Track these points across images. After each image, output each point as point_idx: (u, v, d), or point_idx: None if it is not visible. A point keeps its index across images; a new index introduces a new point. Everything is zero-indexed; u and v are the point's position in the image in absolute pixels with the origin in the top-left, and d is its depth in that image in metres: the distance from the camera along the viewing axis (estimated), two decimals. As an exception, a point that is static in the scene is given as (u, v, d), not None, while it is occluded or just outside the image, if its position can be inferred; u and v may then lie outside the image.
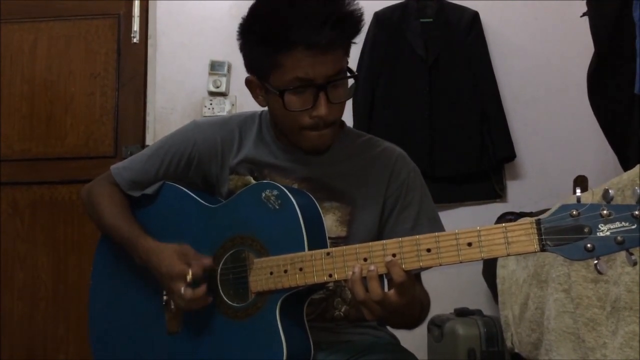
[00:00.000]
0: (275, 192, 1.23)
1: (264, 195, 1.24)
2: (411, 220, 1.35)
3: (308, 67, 1.23)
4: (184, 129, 1.47)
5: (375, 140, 1.45)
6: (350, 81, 1.32)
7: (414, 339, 1.39)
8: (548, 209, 2.26)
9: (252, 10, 1.30)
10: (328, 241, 1.24)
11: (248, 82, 1.36)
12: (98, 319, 1.47)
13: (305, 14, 1.21)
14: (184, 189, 1.40)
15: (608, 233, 0.93)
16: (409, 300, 1.11)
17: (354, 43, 1.31)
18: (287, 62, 1.24)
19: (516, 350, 2.20)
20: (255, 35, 1.28)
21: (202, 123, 1.47)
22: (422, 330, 2.69)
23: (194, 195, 1.38)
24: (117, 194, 1.44)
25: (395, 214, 1.36)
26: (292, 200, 1.21)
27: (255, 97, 1.38)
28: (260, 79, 1.32)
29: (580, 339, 1.61)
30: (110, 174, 1.47)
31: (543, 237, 0.98)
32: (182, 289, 1.23)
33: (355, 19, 1.27)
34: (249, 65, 1.34)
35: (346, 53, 1.30)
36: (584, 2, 2.24)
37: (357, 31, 1.28)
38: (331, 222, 1.33)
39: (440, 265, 1.07)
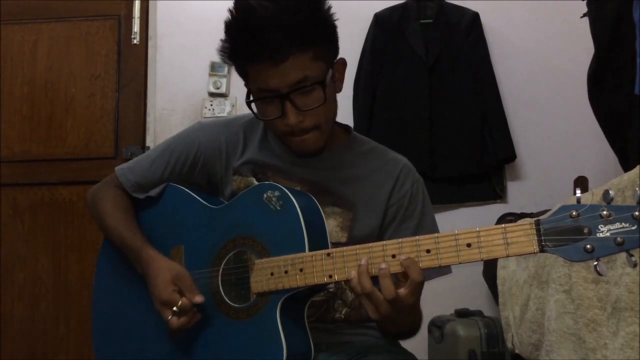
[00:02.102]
0: (276, 193, 1.24)
1: (265, 196, 1.25)
2: (410, 232, 1.35)
3: (268, 77, 1.23)
4: (189, 130, 1.47)
5: (382, 149, 1.45)
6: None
7: (414, 340, 1.39)
8: (548, 210, 2.26)
9: (225, 26, 1.30)
10: (329, 242, 1.24)
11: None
12: (101, 318, 1.48)
13: (258, 26, 1.21)
14: (187, 190, 1.41)
15: (608, 234, 0.93)
16: (417, 300, 1.11)
17: (322, 43, 1.27)
18: (251, 74, 1.27)
19: (517, 351, 2.20)
20: (226, 48, 1.30)
21: (207, 124, 1.47)
22: (422, 331, 2.68)
23: (196, 196, 1.38)
24: (121, 198, 1.44)
25: (395, 225, 1.37)
26: (293, 201, 1.21)
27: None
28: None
29: (581, 340, 1.61)
30: (115, 176, 1.46)
31: (542, 238, 0.98)
32: (169, 317, 1.23)
33: (312, 24, 1.24)
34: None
35: (315, 58, 1.25)
36: (584, 2, 2.24)
37: (316, 36, 1.25)
38: (332, 228, 1.33)
39: (440, 266, 1.07)
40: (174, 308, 1.23)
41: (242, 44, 1.24)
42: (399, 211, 1.37)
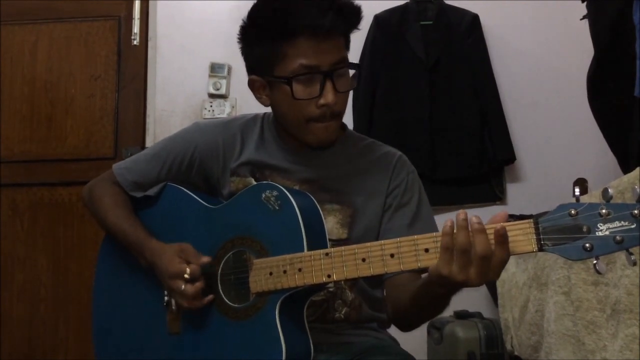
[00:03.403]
0: (275, 193, 1.24)
1: (263, 196, 1.25)
2: (407, 219, 1.36)
3: (312, 54, 1.25)
4: (186, 131, 1.48)
5: (377, 144, 1.46)
6: (352, 72, 1.34)
7: (413, 342, 1.39)
8: (548, 212, 2.26)
9: (254, 7, 1.32)
10: (328, 242, 1.24)
11: (251, 83, 1.37)
12: (101, 318, 1.48)
13: (306, 2, 1.24)
14: (186, 190, 1.41)
15: (607, 232, 0.92)
16: (489, 277, 1.03)
17: (358, 28, 1.32)
18: (291, 51, 1.26)
19: (516, 353, 2.20)
20: (258, 29, 1.29)
21: (204, 125, 1.47)
22: (422, 332, 2.69)
23: (195, 196, 1.39)
24: (120, 194, 1.45)
25: (392, 211, 1.37)
26: (291, 201, 1.21)
27: (258, 97, 1.38)
28: (264, 75, 1.33)
29: (580, 342, 1.61)
30: (112, 173, 1.47)
31: (541, 236, 0.97)
32: (182, 287, 1.24)
33: (355, 9, 1.29)
34: (251, 66, 1.35)
35: (347, 45, 1.32)
36: (584, 4, 2.24)
37: (358, 20, 1.30)
38: (332, 225, 1.34)
39: (439, 265, 1.07)
40: (185, 276, 1.24)
41: (294, 17, 1.24)
42: (395, 198, 1.37)
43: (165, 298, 1.33)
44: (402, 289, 1.27)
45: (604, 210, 0.92)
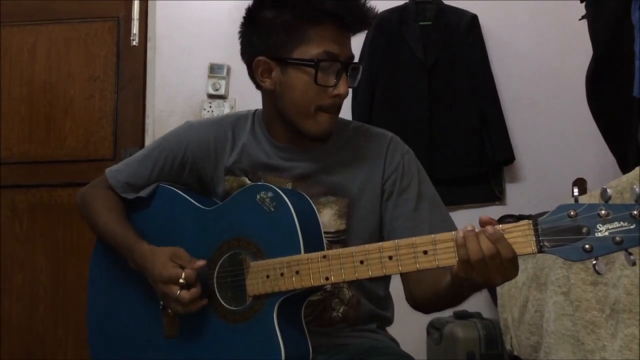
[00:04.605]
0: (270, 194, 1.23)
1: (258, 197, 1.24)
2: (411, 203, 1.34)
3: (335, 43, 1.27)
4: (178, 130, 1.47)
5: (365, 127, 1.46)
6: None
7: (413, 342, 1.39)
8: (547, 212, 2.26)
9: None
10: (325, 242, 1.24)
11: (256, 64, 1.32)
12: (96, 322, 1.47)
13: None
14: (179, 191, 1.40)
15: (606, 233, 0.92)
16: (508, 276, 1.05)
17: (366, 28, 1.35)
18: (316, 36, 1.27)
19: (515, 353, 2.20)
20: (284, 7, 1.28)
21: (196, 123, 1.47)
22: (421, 333, 2.69)
23: (188, 197, 1.38)
24: (112, 198, 1.44)
25: (394, 197, 1.35)
26: (287, 202, 1.21)
27: (261, 80, 1.33)
28: (278, 57, 1.29)
29: (579, 342, 1.61)
30: (104, 177, 1.47)
31: (540, 238, 0.97)
32: (178, 292, 1.22)
33: (373, 10, 1.32)
34: (261, 47, 1.31)
35: None
36: (583, 5, 2.24)
37: (372, 19, 1.33)
38: (329, 217, 1.33)
39: (438, 267, 1.07)
40: (180, 281, 1.22)
41: (324, 1, 1.25)
42: (394, 185, 1.36)
43: (162, 302, 1.32)
44: (421, 283, 1.27)
45: (603, 211, 0.92)
